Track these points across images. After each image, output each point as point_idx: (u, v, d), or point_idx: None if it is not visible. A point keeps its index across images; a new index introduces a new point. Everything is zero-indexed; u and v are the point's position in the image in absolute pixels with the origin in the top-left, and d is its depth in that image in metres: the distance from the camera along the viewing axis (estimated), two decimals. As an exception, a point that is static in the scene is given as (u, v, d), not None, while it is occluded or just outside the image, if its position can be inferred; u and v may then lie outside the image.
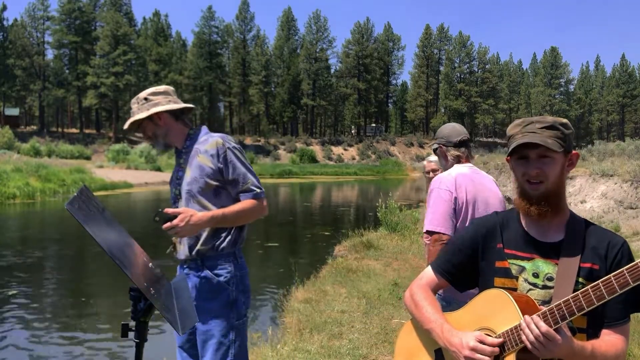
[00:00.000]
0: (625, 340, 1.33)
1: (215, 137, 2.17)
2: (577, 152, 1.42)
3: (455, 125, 2.84)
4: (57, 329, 5.84)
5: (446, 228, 2.48)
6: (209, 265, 2.14)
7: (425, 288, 1.54)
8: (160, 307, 1.43)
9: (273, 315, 6.17)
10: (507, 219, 1.48)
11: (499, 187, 2.85)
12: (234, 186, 2.16)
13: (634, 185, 12.02)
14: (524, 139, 1.35)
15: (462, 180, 2.58)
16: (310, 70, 70.57)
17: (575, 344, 1.24)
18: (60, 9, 61.55)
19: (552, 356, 1.23)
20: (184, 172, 2.20)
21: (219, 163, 2.12)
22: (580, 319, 1.31)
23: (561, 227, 1.40)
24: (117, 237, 1.46)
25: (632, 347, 3.99)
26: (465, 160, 2.74)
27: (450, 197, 2.53)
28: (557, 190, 1.38)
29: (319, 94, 70.63)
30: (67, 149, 45.27)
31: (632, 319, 4.39)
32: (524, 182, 1.37)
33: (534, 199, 1.36)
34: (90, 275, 8.56)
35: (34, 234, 13.16)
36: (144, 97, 2.21)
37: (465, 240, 1.51)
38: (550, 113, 72.83)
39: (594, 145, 21.40)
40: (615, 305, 1.31)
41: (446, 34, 76.60)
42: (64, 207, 1.32)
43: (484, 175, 2.76)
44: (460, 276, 1.51)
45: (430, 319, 1.44)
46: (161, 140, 2.24)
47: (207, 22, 68.71)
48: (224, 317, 2.10)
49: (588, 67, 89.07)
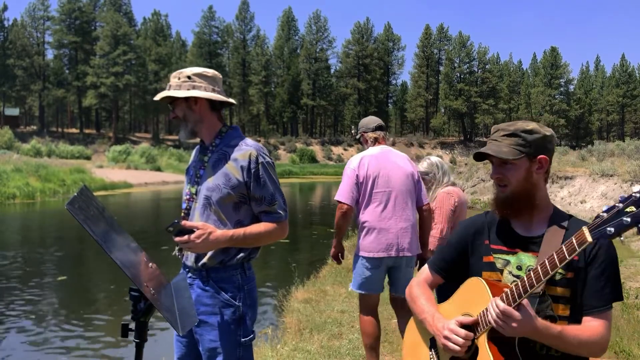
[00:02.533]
0: (605, 326, 1.38)
1: (250, 147, 1.98)
2: (545, 157, 1.48)
3: (371, 117, 3.53)
4: (57, 329, 5.84)
5: (347, 199, 3.17)
6: (215, 278, 1.96)
7: (423, 284, 1.67)
8: (160, 307, 1.43)
9: (273, 315, 6.17)
10: (495, 217, 1.57)
11: None
12: (258, 204, 1.98)
13: (634, 186, 12.02)
14: (483, 148, 1.49)
15: (366, 160, 3.19)
16: (310, 70, 70.56)
17: (539, 322, 1.31)
18: (60, 9, 61.57)
19: (515, 333, 1.32)
20: (205, 172, 1.99)
21: (247, 177, 1.94)
22: (562, 307, 1.41)
23: (544, 221, 1.49)
24: (117, 237, 1.46)
25: (632, 347, 4.00)
26: (382, 141, 3.35)
27: (353, 174, 3.17)
28: (526, 193, 1.46)
29: (319, 94, 70.62)
30: (67, 149, 45.24)
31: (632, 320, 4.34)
32: (496, 185, 1.51)
33: (498, 201, 1.49)
34: (90, 275, 8.57)
35: (34, 234, 13.16)
36: (187, 74, 2.01)
37: (456, 240, 1.62)
38: (550, 113, 72.84)
39: (594, 146, 21.40)
40: (593, 293, 1.39)
41: (446, 34, 76.59)
42: (64, 207, 1.33)
43: (396, 154, 3.33)
44: (453, 273, 1.61)
45: (424, 310, 1.58)
46: (190, 126, 2.02)
47: (207, 22, 68.73)
48: (231, 333, 1.96)
49: (588, 67, 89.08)
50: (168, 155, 44.34)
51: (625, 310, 5.14)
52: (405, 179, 3.23)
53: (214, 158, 2.00)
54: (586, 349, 1.37)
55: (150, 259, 1.68)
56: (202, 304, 1.96)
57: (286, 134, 69.66)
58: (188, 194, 2.04)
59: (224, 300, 1.97)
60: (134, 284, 1.41)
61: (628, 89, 77.62)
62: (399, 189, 3.21)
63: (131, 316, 1.47)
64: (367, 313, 3.30)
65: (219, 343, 1.96)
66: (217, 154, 2.00)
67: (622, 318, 4.87)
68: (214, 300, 1.96)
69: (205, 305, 1.96)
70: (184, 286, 1.73)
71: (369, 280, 3.25)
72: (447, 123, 79.02)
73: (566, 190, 14.64)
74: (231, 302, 1.97)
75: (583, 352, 1.38)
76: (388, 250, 3.18)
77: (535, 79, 79.10)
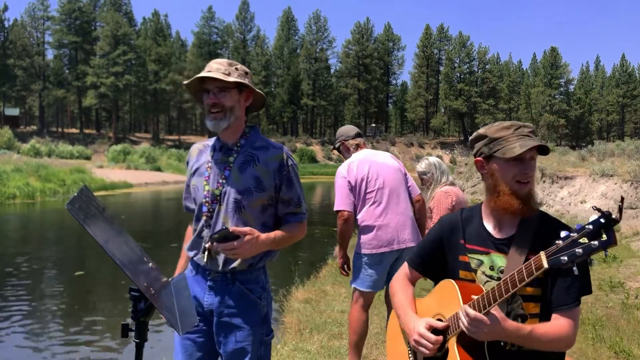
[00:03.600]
0: (572, 324, 1.42)
1: (279, 150, 1.98)
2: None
3: (348, 125, 3.69)
4: (57, 328, 5.84)
5: (345, 205, 3.26)
6: (241, 280, 1.94)
7: (403, 279, 1.71)
8: (161, 307, 1.43)
9: (273, 315, 6.17)
10: (470, 216, 1.59)
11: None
12: (286, 205, 1.98)
13: (634, 186, 12.02)
14: (531, 141, 1.45)
15: (354, 165, 3.31)
16: (310, 71, 70.58)
17: (509, 325, 1.36)
18: (60, 9, 61.59)
19: (486, 338, 1.37)
20: (231, 173, 1.93)
21: (279, 180, 1.93)
22: (533, 305, 1.45)
23: (515, 222, 1.50)
24: (117, 237, 1.46)
25: (632, 347, 4.00)
26: (363, 146, 3.48)
27: (344, 182, 3.28)
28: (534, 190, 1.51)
29: (319, 94, 70.63)
30: (67, 149, 45.23)
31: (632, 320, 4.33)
32: (513, 182, 1.46)
33: (522, 197, 1.46)
34: (90, 275, 8.56)
35: (34, 234, 13.16)
36: (245, 70, 1.97)
37: (433, 237, 1.65)
38: (550, 113, 72.85)
39: (594, 146, 21.39)
40: (561, 291, 1.43)
41: (446, 34, 76.61)
42: (64, 207, 1.33)
43: (380, 153, 3.48)
44: (430, 269, 1.65)
45: (399, 306, 1.64)
46: (232, 119, 1.92)
47: (207, 22, 68.75)
48: (257, 333, 1.97)
49: (588, 67, 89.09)
50: (168, 155, 44.34)
51: (625, 310, 5.14)
52: (394, 174, 3.36)
53: (240, 159, 1.94)
54: (554, 345, 1.43)
55: (151, 258, 1.68)
56: (226, 306, 1.93)
57: (286, 134, 69.66)
58: (208, 195, 1.94)
59: (251, 300, 1.96)
60: (134, 284, 1.41)
61: (628, 89, 77.62)
62: (391, 185, 3.31)
63: (131, 316, 1.47)
64: (360, 311, 3.34)
65: (245, 343, 1.94)
66: (244, 155, 1.94)
67: (622, 318, 4.87)
68: (239, 302, 1.94)
69: (229, 307, 1.93)
70: (184, 286, 1.73)
71: (371, 277, 3.29)
72: (447, 123, 79.04)
73: (566, 190, 14.64)
74: (257, 302, 1.98)
75: (551, 348, 1.43)
76: (389, 245, 3.24)
77: (535, 79, 79.12)
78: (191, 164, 2.05)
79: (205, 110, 1.95)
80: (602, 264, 7.75)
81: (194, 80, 1.96)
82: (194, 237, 2.00)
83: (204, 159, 2.01)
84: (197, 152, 2.06)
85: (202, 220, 1.96)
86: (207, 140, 2.09)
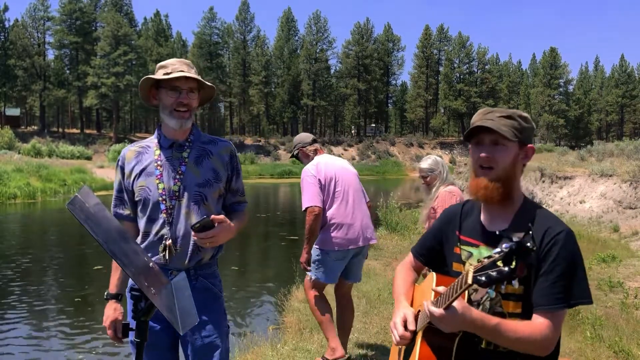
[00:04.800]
0: (549, 326, 1.33)
1: (227, 143, 2.09)
2: (532, 146, 1.47)
3: (303, 133, 3.87)
4: (58, 328, 5.85)
5: (316, 201, 3.38)
6: (203, 274, 2.00)
7: (407, 266, 1.73)
8: (161, 306, 1.44)
9: (273, 314, 6.18)
10: (472, 208, 1.57)
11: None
12: (234, 195, 2.09)
13: (633, 186, 12.02)
14: (481, 122, 1.43)
15: (322, 166, 3.49)
16: (310, 71, 70.52)
17: (474, 315, 1.32)
18: (60, 9, 61.55)
19: (450, 329, 1.34)
20: (187, 168, 1.97)
21: (230, 171, 2.05)
22: (513, 304, 1.39)
23: (509, 217, 1.45)
24: (118, 237, 1.47)
25: (631, 346, 4.00)
26: (321, 151, 3.68)
27: (315, 180, 3.43)
28: (507, 180, 1.42)
29: (319, 94, 70.58)
30: (68, 149, 45.21)
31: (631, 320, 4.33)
32: (477, 167, 1.44)
33: (480, 184, 1.42)
34: (91, 275, 8.57)
35: (34, 234, 13.17)
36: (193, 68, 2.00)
37: (435, 228, 1.66)
38: (550, 113, 72.77)
39: (593, 146, 21.38)
40: (541, 291, 1.35)
41: (446, 34, 76.54)
42: (65, 206, 1.34)
43: (340, 159, 3.72)
44: (432, 259, 1.66)
45: (394, 291, 1.67)
46: (192, 118, 1.99)
47: (208, 23, 68.70)
48: (223, 326, 2.02)
49: (587, 68, 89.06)
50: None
51: (625, 309, 5.15)
52: (354, 178, 3.62)
53: (195, 154, 1.99)
54: (525, 346, 1.34)
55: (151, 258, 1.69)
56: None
57: (286, 134, 69.60)
58: (165, 193, 1.94)
59: (214, 294, 2.02)
60: (135, 283, 1.42)
61: (627, 89, 77.55)
62: (354, 187, 3.57)
63: (132, 315, 1.48)
64: (317, 294, 3.56)
65: (214, 337, 1.97)
66: (196, 150, 2.00)
67: (621, 318, 4.88)
68: (204, 297, 1.96)
69: (197, 301, 1.94)
70: (185, 285, 1.73)
71: (335, 271, 3.52)
72: (447, 123, 78.97)
73: (565, 190, 14.64)
74: (219, 295, 2.04)
75: (522, 348, 1.35)
76: (356, 242, 3.48)
77: (535, 79, 79.04)
78: (129, 167, 2.01)
79: (168, 108, 1.94)
80: (601, 263, 7.75)
81: (155, 79, 1.95)
82: (150, 239, 1.96)
83: (149, 159, 1.99)
84: (135, 154, 2.03)
85: (161, 219, 1.94)
86: (140, 142, 2.08)
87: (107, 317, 1.98)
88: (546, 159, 20.47)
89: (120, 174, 2.04)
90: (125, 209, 2.05)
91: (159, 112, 2.01)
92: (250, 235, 12.91)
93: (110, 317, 1.97)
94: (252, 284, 8.05)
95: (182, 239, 1.94)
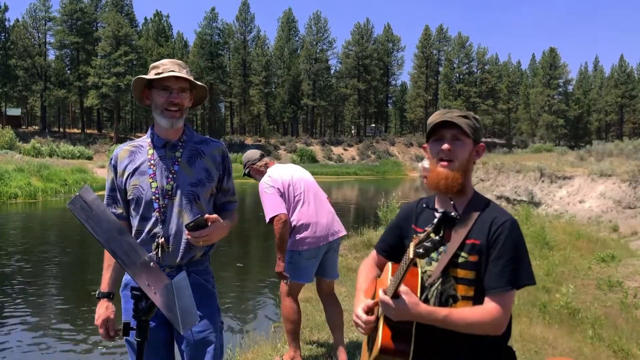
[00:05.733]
0: (500, 309, 1.45)
1: (219, 143, 2.11)
2: (483, 145, 1.63)
3: (250, 150, 3.88)
4: (58, 327, 5.86)
5: (281, 209, 3.43)
6: (195, 271, 2.02)
7: (370, 263, 1.82)
8: (161, 305, 1.45)
9: (274, 313, 6.20)
10: (427, 202, 1.69)
11: (498, 187, 3.35)
12: (224, 194, 2.11)
13: (632, 185, 12.02)
14: (446, 116, 1.57)
15: (276, 175, 3.56)
16: (310, 71, 70.51)
17: (421, 310, 1.42)
18: (61, 9, 61.54)
19: (397, 318, 1.44)
20: (180, 167, 2.00)
21: (222, 171, 2.07)
22: (465, 288, 1.50)
23: (461, 207, 1.58)
24: (118, 237, 1.48)
25: (630, 346, 4.01)
26: (271, 163, 3.75)
27: (274, 190, 3.49)
28: (464, 173, 1.56)
29: (319, 94, 70.57)
30: (69, 149, 45.26)
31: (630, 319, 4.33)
32: (437, 160, 1.57)
33: (441, 175, 1.55)
34: (91, 275, 8.58)
35: (35, 234, 13.18)
36: (185, 68, 2.01)
37: (394, 224, 1.76)
38: (549, 113, 72.75)
39: (593, 146, 21.38)
40: (492, 275, 1.47)
41: (445, 34, 76.49)
42: (66, 206, 1.35)
43: (290, 165, 3.81)
44: (394, 253, 1.73)
45: (356, 287, 1.76)
46: (184, 117, 2.01)
47: (209, 23, 68.69)
48: (216, 322, 2.04)
49: (587, 68, 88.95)
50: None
51: (624, 309, 5.16)
52: (310, 178, 3.72)
53: (187, 154, 2.01)
54: (477, 329, 1.45)
55: (152, 257, 1.70)
56: None
57: (286, 134, 69.61)
58: (158, 192, 1.96)
59: (208, 290, 2.03)
60: (136, 283, 1.43)
61: (627, 90, 77.47)
62: (313, 187, 3.67)
63: (132, 315, 1.49)
64: (293, 301, 3.60)
65: (207, 332, 1.99)
66: (189, 150, 2.02)
67: (621, 317, 4.89)
68: (197, 294, 1.97)
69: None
70: (185, 285, 1.74)
71: (309, 271, 3.58)
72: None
73: (565, 190, 14.64)
74: (213, 291, 2.06)
75: (475, 331, 1.46)
76: (325, 239, 3.57)
77: (534, 79, 79.02)
78: (122, 166, 2.03)
79: (159, 108, 1.96)
80: (600, 263, 7.76)
81: (147, 79, 1.98)
82: (143, 237, 1.97)
83: (142, 158, 2.01)
84: (128, 153, 2.04)
85: (153, 218, 1.96)
86: (133, 142, 2.09)
87: (98, 315, 1.98)
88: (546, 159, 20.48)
89: (113, 173, 2.06)
90: (117, 208, 2.05)
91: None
92: (251, 234, 12.93)
93: (102, 316, 1.97)
94: (252, 283, 8.06)
95: (174, 237, 1.96)
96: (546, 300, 5.37)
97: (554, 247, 8.60)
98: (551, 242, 8.86)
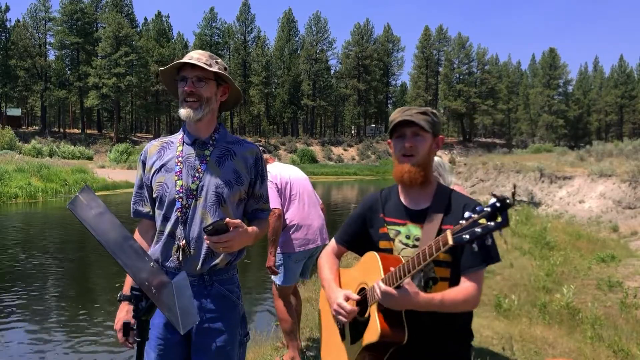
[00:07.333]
0: (477, 286, 1.62)
1: (253, 146, 1.97)
2: (442, 137, 1.75)
3: None
4: (58, 327, 5.86)
5: (276, 204, 3.47)
6: (218, 280, 1.88)
7: (330, 254, 1.90)
8: (162, 306, 1.45)
9: (273, 314, 6.19)
10: (389, 194, 1.80)
11: (498, 187, 3.40)
12: (256, 201, 1.96)
13: (632, 186, 12.03)
14: (405, 116, 1.68)
15: (275, 172, 3.62)
16: (310, 71, 70.53)
17: (420, 297, 1.55)
18: (62, 10, 61.57)
19: (398, 308, 1.56)
20: (208, 167, 1.87)
21: (254, 175, 1.92)
22: (444, 270, 1.64)
23: (429, 196, 1.71)
24: (118, 237, 1.48)
25: (630, 346, 4.01)
26: (271, 159, 3.79)
27: (272, 185, 3.52)
28: (425, 165, 1.69)
29: (319, 94, 70.59)
30: (69, 149, 45.28)
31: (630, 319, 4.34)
32: (400, 156, 1.69)
33: (405, 169, 1.67)
34: (92, 275, 8.59)
35: (35, 234, 13.18)
36: (224, 65, 1.93)
37: (357, 215, 1.83)
38: (549, 113, 72.75)
39: (593, 146, 21.38)
40: (469, 256, 1.61)
41: (445, 35, 76.50)
42: (66, 206, 1.35)
43: (289, 165, 3.89)
44: (355, 243, 1.83)
45: (324, 278, 1.84)
46: (205, 110, 1.86)
47: (209, 24, 68.69)
48: (236, 334, 1.91)
49: (586, 68, 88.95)
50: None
51: (624, 309, 5.16)
52: (307, 182, 3.81)
53: (217, 153, 1.89)
54: (463, 307, 1.62)
55: (152, 258, 1.70)
56: (206, 311, 1.84)
57: (286, 135, 69.64)
58: (182, 191, 1.84)
59: (231, 302, 1.90)
60: (136, 283, 1.43)
61: (626, 90, 77.49)
62: (308, 191, 3.76)
63: (132, 315, 1.49)
64: (286, 301, 3.67)
65: (227, 347, 1.87)
66: (219, 149, 1.90)
67: (621, 317, 4.89)
68: (219, 305, 1.87)
69: (209, 311, 1.85)
70: (185, 285, 1.73)
71: (295, 273, 3.66)
72: (447, 123, 78.93)
73: (565, 190, 14.65)
74: (237, 303, 1.92)
75: (459, 310, 1.62)
76: (315, 241, 3.65)
77: (534, 79, 79.04)
78: (151, 162, 1.93)
79: (180, 99, 1.87)
80: (600, 263, 7.77)
81: (169, 69, 1.89)
82: (164, 239, 1.87)
83: (170, 154, 1.91)
84: (157, 149, 1.95)
85: (174, 218, 1.85)
86: (165, 138, 2.01)
87: (118, 319, 1.90)
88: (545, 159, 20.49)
89: (142, 169, 1.95)
90: (145, 206, 1.95)
91: (160, 112, 1.99)
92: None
93: (122, 320, 1.87)
94: (252, 282, 8.06)
95: (195, 241, 1.84)
96: (546, 301, 5.37)
97: (554, 248, 8.61)
98: (551, 242, 8.87)
